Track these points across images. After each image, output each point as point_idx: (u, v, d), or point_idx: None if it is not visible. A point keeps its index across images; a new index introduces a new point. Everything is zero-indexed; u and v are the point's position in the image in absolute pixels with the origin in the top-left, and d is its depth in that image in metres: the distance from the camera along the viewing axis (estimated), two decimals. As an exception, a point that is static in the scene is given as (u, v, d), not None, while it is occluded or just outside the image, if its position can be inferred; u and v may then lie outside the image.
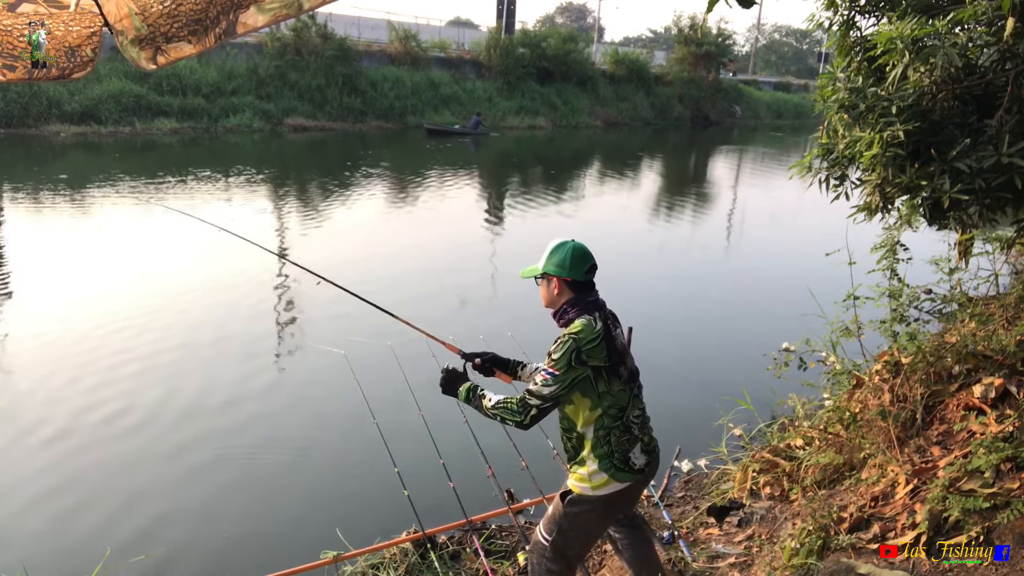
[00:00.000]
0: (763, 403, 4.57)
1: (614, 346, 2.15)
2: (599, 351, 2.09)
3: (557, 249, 2.22)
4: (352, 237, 10.41)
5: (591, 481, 2.17)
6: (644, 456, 2.24)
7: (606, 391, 2.13)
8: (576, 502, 2.22)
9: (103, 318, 6.39)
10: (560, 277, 2.19)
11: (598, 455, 2.15)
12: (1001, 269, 4.04)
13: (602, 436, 2.15)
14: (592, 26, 55.34)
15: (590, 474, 2.16)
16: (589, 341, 2.08)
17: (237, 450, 4.45)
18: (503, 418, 2.17)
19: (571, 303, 2.19)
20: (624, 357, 2.21)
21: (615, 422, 2.15)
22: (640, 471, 2.21)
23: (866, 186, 2.90)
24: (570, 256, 2.18)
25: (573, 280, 2.19)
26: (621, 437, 2.17)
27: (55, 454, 4.28)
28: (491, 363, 2.53)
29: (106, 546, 3.45)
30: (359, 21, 29.39)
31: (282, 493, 4.05)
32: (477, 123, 25.50)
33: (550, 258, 2.22)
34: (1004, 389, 2.84)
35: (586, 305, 2.18)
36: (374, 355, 5.28)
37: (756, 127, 39.75)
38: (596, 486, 2.17)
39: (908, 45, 2.44)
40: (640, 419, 2.26)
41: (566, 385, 2.08)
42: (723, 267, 9.99)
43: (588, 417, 2.15)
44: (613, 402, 2.14)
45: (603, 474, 2.15)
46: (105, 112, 19.36)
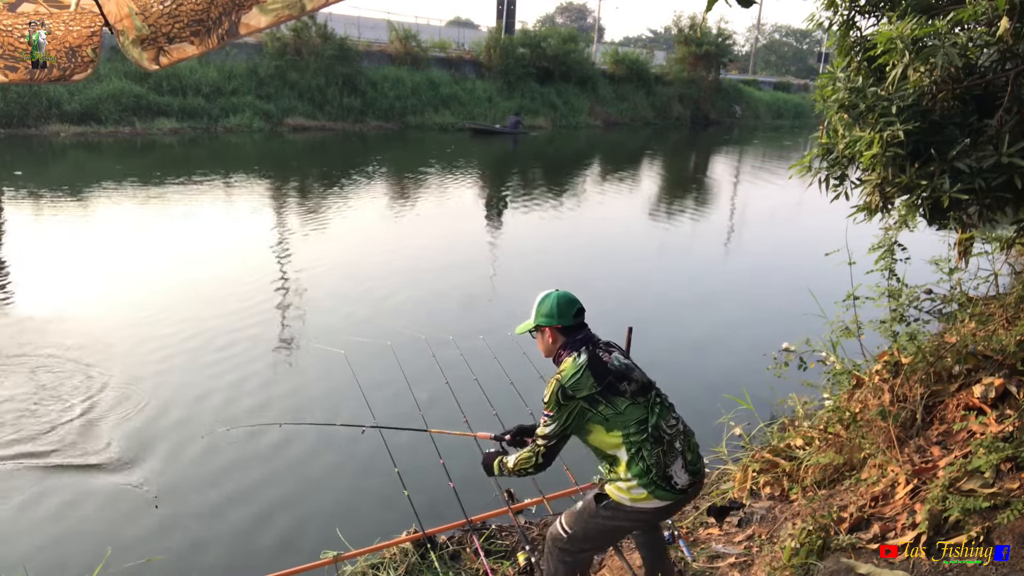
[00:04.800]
0: (763, 403, 4.57)
1: (603, 370, 2.22)
2: (584, 381, 2.18)
3: (544, 301, 2.36)
4: (357, 237, 10.41)
5: (630, 494, 2.18)
6: (687, 475, 2.21)
7: (613, 413, 2.17)
8: (611, 507, 2.23)
9: (96, 322, 6.39)
10: (552, 326, 2.33)
11: (635, 473, 2.15)
12: (1001, 269, 4.03)
13: (635, 454, 2.16)
14: (592, 26, 55.35)
15: (629, 488, 2.17)
16: (571, 376, 2.19)
17: (237, 450, 4.45)
18: (525, 470, 2.33)
19: (563, 346, 2.33)
20: (622, 376, 2.23)
21: (641, 436, 2.16)
22: (682, 491, 2.20)
23: (866, 186, 2.90)
24: (556, 305, 2.33)
25: (564, 326, 2.32)
26: (654, 450, 2.16)
27: (52, 451, 4.28)
28: (518, 434, 2.71)
29: (107, 546, 3.45)
30: (359, 21, 29.38)
31: (282, 493, 4.05)
32: (516, 123, 26.77)
33: (539, 311, 2.36)
34: (1004, 389, 2.84)
35: (575, 343, 2.30)
36: (374, 355, 5.28)
37: (756, 127, 39.75)
38: (635, 499, 2.18)
39: (908, 45, 2.43)
40: (676, 431, 2.25)
41: (564, 422, 2.20)
42: (723, 267, 9.99)
43: (609, 441, 2.20)
44: (627, 419, 2.17)
45: (643, 490, 2.16)
46: (105, 112, 19.35)
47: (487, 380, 4.03)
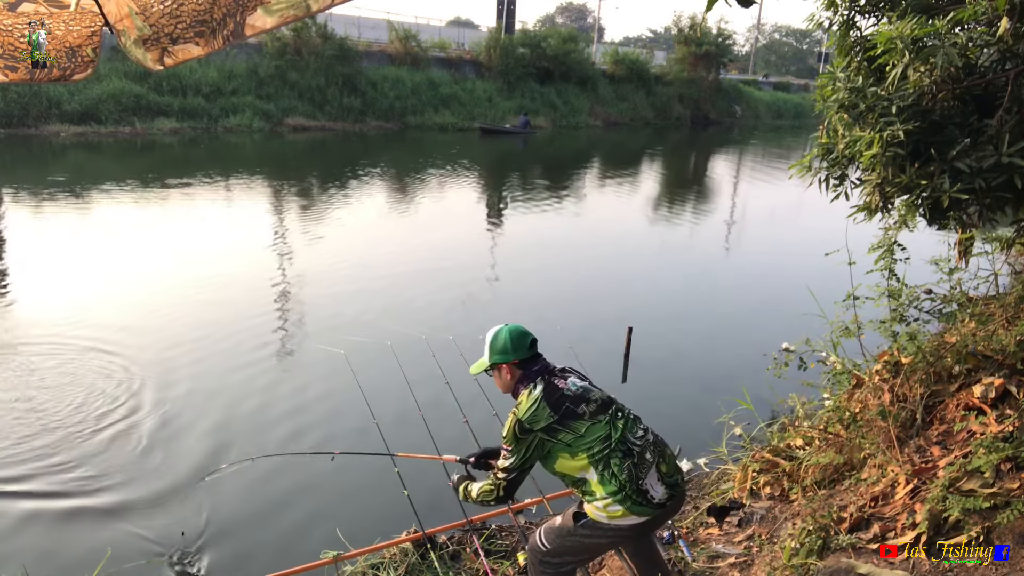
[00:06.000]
0: (763, 403, 4.57)
1: (559, 398, 2.18)
2: (540, 413, 2.16)
3: (496, 338, 2.32)
4: (358, 237, 10.41)
5: (607, 511, 2.13)
6: (664, 488, 2.15)
7: (574, 438, 2.14)
8: (589, 526, 2.20)
9: (96, 323, 6.39)
10: (507, 363, 2.30)
11: (609, 491, 2.10)
12: (1001, 269, 4.03)
13: (604, 470, 2.11)
14: (592, 26, 55.36)
15: (606, 505, 2.12)
16: (527, 410, 2.17)
17: (237, 450, 4.45)
18: (487, 501, 2.34)
19: (519, 380, 2.29)
20: (579, 399, 2.20)
21: (605, 453, 2.12)
22: (660, 505, 2.14)
23: (866, 186, 2.90)
24: (509, 340, 2.29)
25: (520, 360, 2.29)
26: (624, 463, 2.11)
27: (52, 450, 4.28)
28: (483, 456, 2.65)
29: (107, 547, 3.45)
30: (359, 21, 29.37)
31: (282, 493, 4.05)
32: (526, 123, 27.09)
33: (493, 348, 2.31)
34: (1004, 389, 2.84)
35: (530, 375, 2.27)
36: (374, 355, 5.29)
37: (756, 127, 39.75)
38: (612, 516, 2.13)
39: (908, 45, 2.43)
40: (645, 442, 2.20)
41: (523, 455, 2.20)
42: (723, 267, 9.99)
43: (575, 465, 2.17)
44: (589, 440, 2.14)
45: (619, 507, 2.11)
46: (105, 112, 19.35)
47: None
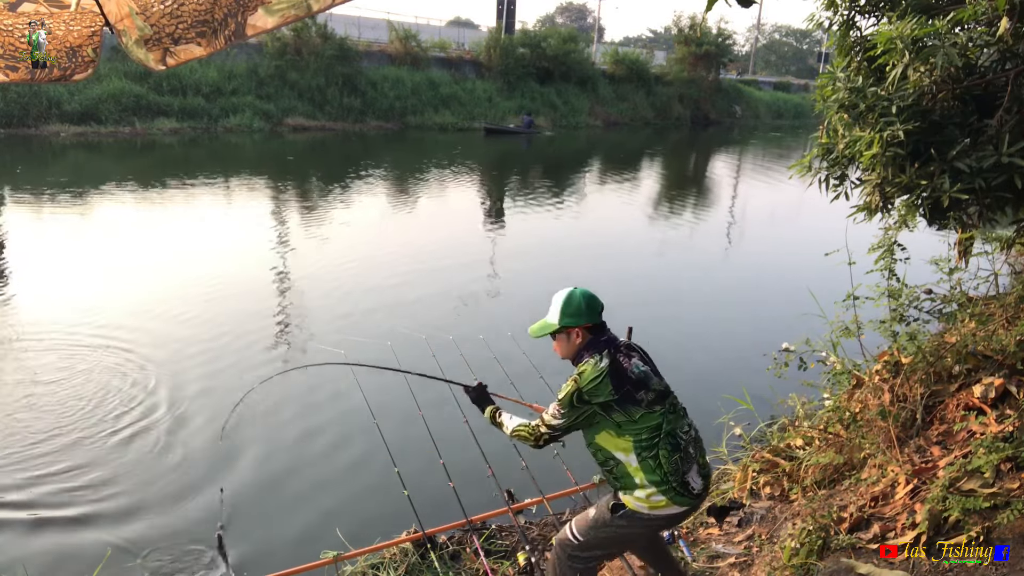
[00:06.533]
0: (763, 403, 4.57)
1: (624, 378, 2.16)
2: (603, 388, 2.13)
3: (569, 300, 2.27)
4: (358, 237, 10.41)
5: (649, 501, 2.15)
6: (701, 480, 2.21)
7: (626, 420, 2.14)
8: (628, 516, 2.21)
9: (98, 323, 6.39)
10: (580, 326, 2.26)
11: (653, 480, 2.13)
12: (1001, 269, 4.03)
13: (651, 462, 2.13)
14: (592, 26, 55.34)
15: (648, 495, 2.14)
16: (590, 382, 2.14)
17: (237, 450, 4.45)
18: (518, 439, 2.36)
19: (586, 347, 2.25)
20: (641, 385, 2.18)
21: (654, 442, 2.14)
22: (698, 495, 2.20)
23: (866, 186, 2.90)
24: (583, 303, 2.26)
25: (592, 325, 2.27)
26: (672, 456, 2.14)
27: (54, 452, 4.28)
28: None
29: (107, 547, 3.45)
30: (359, 21, 29.39)
31: (282, 493, 4.05)
32: (529, 123, 27.33)
33: (564, 311, 2.26)
34: (1004, 389, 2.84)
35: (598, 345, 2.24)
36: (374, 355, 5.28)
37: (756, 127, 39.76)
38: (654, 506, 2.16)
39: (908, 45, 2.43)
40: (690, 437, 2.23)
41: (573, 420, 2.20)
42: (723, 266, 9.99)
43: (619, 445, 2.17)
44: (640, 428, 2.14)
45: (662, 497, 2.13)
46: (105, 112, 19.37)
47: (487, 380, 4.01)
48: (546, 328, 2.31)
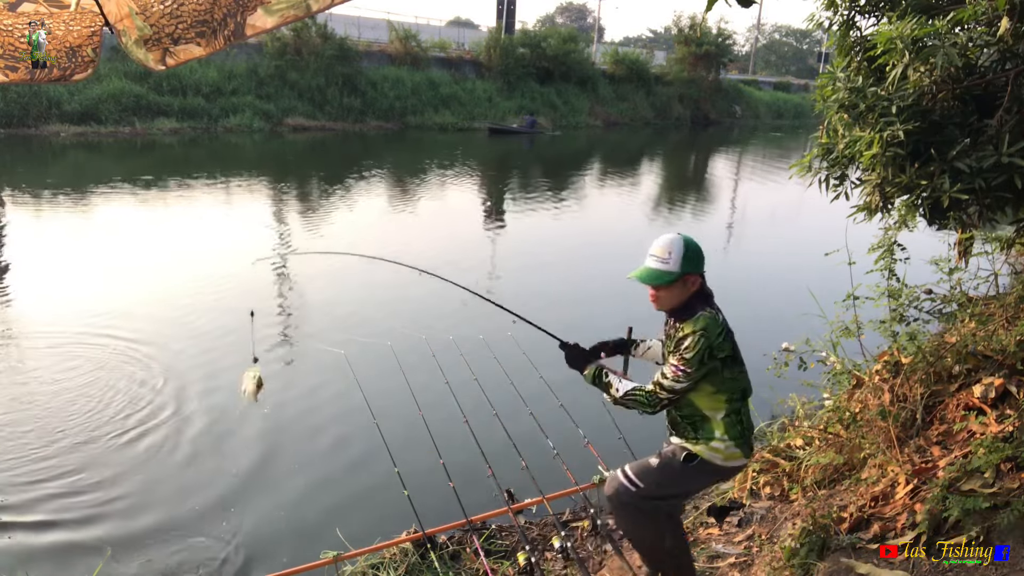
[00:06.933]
0: (763, 403, 4.56)
1: (732, 337, 2.20)
2: (725, 344, 2.13)
3: (688, 244, 2.17)
4: (358, 237, 10.41)
5: (724, 452, 2.23)
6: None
7: (730, 377, 2.19)
8: (699, 465, 2.26)
9: (96, 319, 6.39)
10: (699, 273, 2.20)
11: (733, 435, 2.22)
12: (1001, 269, 4.03)
13: (734, 418, 2.22)
14: (592, 26, 55.35)
15: (726, 447, 2.22)
16: (717, 335, 2.11)
17: (237, 450, 4.45)
18: (631, 404, 2.23)
19: (698, 299, 2.19)
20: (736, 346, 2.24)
21: (737, 400, 2.22)
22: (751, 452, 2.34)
23: (866, 186, 2.90)
24: (698, 249, 2.20)
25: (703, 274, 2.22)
26: (747, 415, 2.26)
27: (54, 454, 4.28)
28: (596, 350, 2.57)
29: (106, 547, 3.45)
30: (359, 21, 29.39)
31: (282, 493, 4.05)
32: (532, 123, 27.30)
33: (686, 256, 2.15)
34: (1004, 389, 2.84)
35: (706, 298, 2.21)
36: (374, 355, 5.28)
37: (756, 127, 39.75)
38: (727, 457, 2.24)
39: (908, 45, 2.43)
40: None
41: (696, 380, 2.15)
42: (723, 266, 9.98)
43: (710, 404, 2.21)
44: (735, 386, 2.21)
45: (737, 450, 2.24)
46: (105, 112, 19.37)
47: (487, 380, 4.03)
48: (663, 276, 2.15)
